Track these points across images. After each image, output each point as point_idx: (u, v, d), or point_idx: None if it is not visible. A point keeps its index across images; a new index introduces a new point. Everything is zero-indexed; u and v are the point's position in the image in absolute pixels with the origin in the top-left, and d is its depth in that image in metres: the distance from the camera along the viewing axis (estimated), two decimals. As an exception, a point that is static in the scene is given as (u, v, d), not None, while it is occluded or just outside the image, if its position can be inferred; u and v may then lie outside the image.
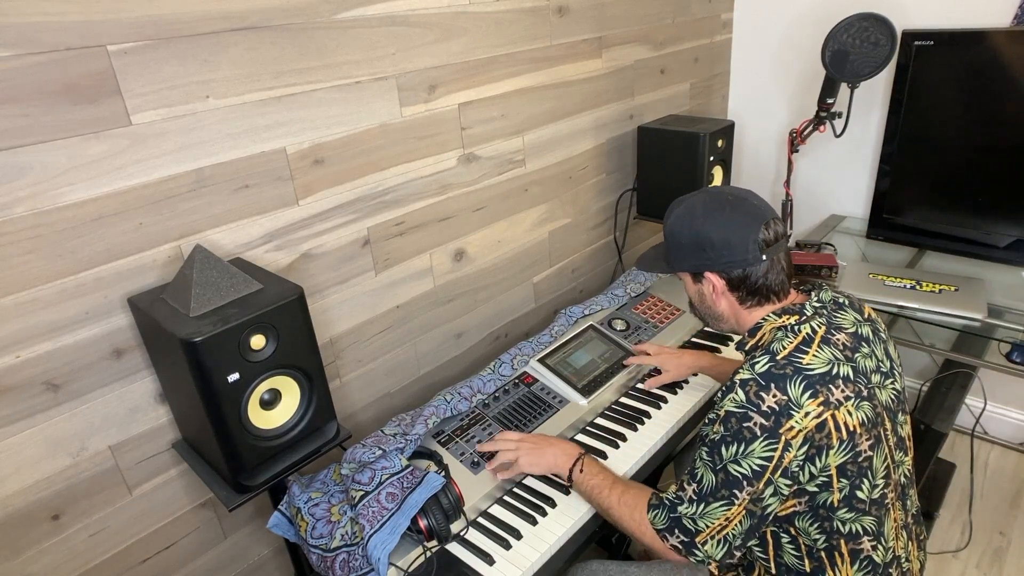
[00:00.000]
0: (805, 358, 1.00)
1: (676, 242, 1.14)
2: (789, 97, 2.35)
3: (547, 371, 1.52)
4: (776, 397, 0.97)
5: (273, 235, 1.24)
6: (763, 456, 0.97)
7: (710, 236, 1.09)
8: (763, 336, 1.10)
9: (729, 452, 0.99)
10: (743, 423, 0.98)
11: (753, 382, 0.99)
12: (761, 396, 0.98)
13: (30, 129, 0.92)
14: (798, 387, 0.97)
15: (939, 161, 1.86)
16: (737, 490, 0.99)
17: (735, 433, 0.99)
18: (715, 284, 1.12)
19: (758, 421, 0.97)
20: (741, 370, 1.03)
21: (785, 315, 1.08)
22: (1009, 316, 1.64)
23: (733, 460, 0.99)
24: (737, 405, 0.99)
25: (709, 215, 1.09)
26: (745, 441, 0.98)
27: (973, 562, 1.84)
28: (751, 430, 0.97)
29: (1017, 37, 1.66)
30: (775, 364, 1.00)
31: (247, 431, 1.02)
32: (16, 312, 0.97)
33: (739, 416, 0.99)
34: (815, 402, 0.96)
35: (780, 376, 0.98)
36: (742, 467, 0.98)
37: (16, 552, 1.06)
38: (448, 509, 1.13)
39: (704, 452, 1.03)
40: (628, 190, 2.10)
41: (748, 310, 1.13)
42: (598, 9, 1.77)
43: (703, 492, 1.02)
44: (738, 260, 1.08)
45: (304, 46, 1.18)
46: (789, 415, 0.96)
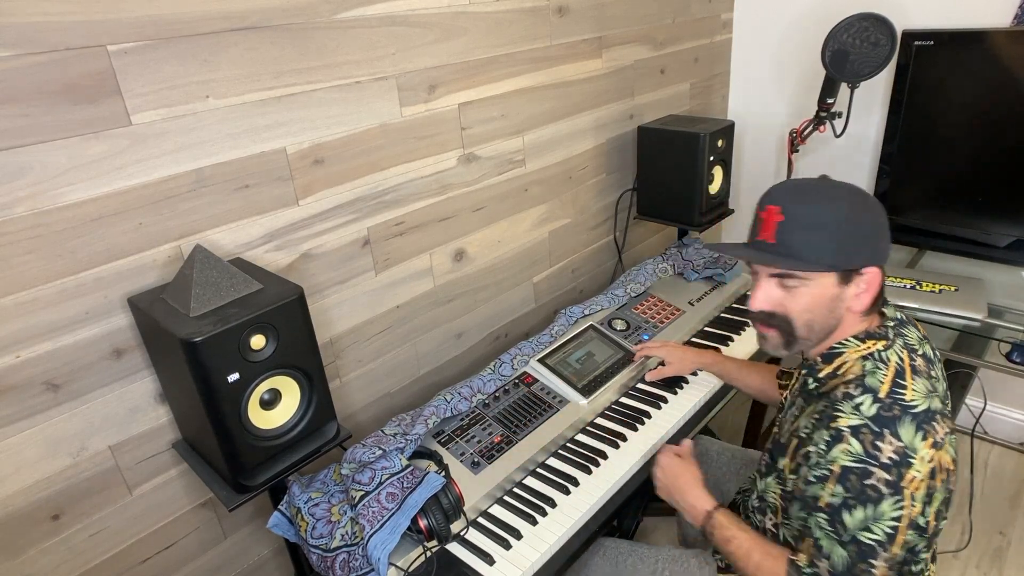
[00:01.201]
0: (907, 394, 0.91)
1: (853, 232, 0.94)
2: (789, 97, 2.35)
3: (547, 371, 1.52)
4: (893, 445, 0.87)
5: (273, 235, 1.24)
6: (893, 517, 0.87)
7: (883, 221, 0.95)
8: (844, 365, 0.99)
9: (855, 519, 0.89)
10: (864, 480, 0.88)
11: (866, 428, 0.89)
12: (878, 446, 0.88)
13: (30, 129, 0.92)
14: (909, 429, 0.88)
15: (939, 161, 1.86)
16: (873, 559, 0.89)
17: (858, 494, 0.88)
18: (871, 284, 0.97)
19: (881, 477, 0.87)
20: (841, 414, 0.92)
21: (870, 340, 0.98)
22: (1009, 316, 1.64)
23: (862, 528, 0.89)
24: (855, 459, 0.89)
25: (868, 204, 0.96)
26: (872, 502, 0.88)
27: (973, 562, 1.84)
28: (876, 488, 0.87)
29: (1017, 37, 1.66)
30: (882, 404, 0.90)
31: (247, 431, 1.02)
32: (16, 312, 0.97)
33: (859, 472, 0.88)
34: (927, 445, 0.88)
35: (891, 419, 0.89)
36: (874, 533, 0.88)
37: (16, 552, 1.06)
38: (448, 509, 1.13)
39: (823, 520, 0.92)
40: (628, 190, 2.10)
41: (860, 321, 1.00)
42: (598, 9, 1.77)
43: (838, 570, 0.92)
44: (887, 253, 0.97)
45: (304, 46, 1.18)
46: (908, 464, 0.87)
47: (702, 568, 1.22)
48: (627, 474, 1.30)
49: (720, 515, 1.10)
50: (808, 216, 0.94)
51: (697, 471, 1.19)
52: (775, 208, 0.97)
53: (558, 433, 1.38)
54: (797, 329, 1.00)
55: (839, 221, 0.93)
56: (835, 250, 0.94)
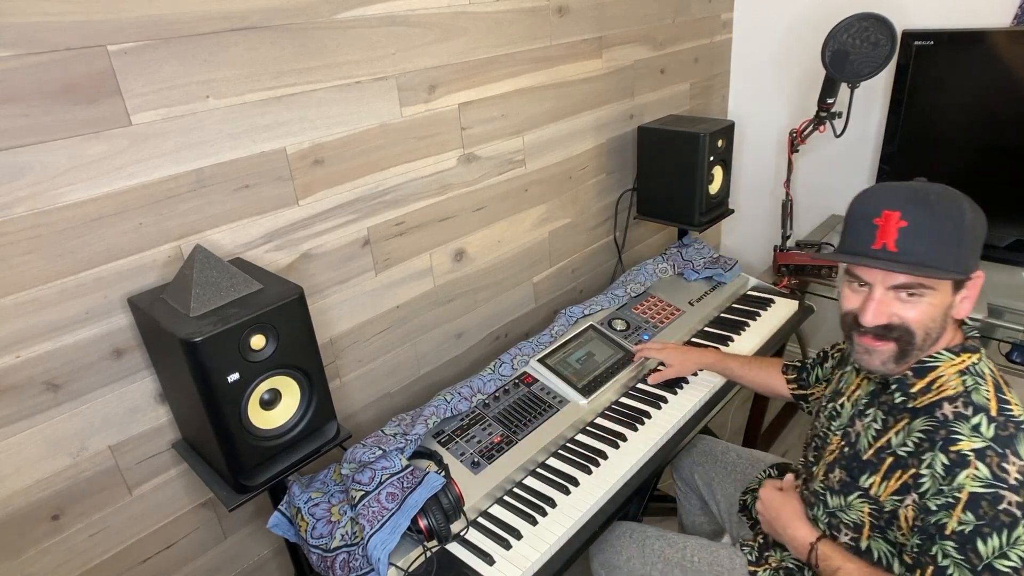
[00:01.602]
0: (1014, 409, 0.88)
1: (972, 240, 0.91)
2: (789, 97, 2.35)
3: (547, 371, 1.52)
4: (1018, 465, 0.84)
5: (273, 235, 1.24)
6: None
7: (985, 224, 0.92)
8: (939, 380, 0.94)
9: (990, 547, 0.83)
10: (997, 506, 0.83)
11: (991, 451, 0.85)
12: (1005, 468, 0.84)
13: (30, 129, 0.92)
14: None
15: (939, 161, 1.86)
16: None
17: (991, 520, 0.83)
18: (977, 285, 0.94)
19: (1013, 499, 0.83)
20: (962, 437, 0.87)
21: (965, 354, 0.94)
22: (1009, 316, 1.64)
23: (999, 555, 0.83)
24: (983, 484, 0.84)
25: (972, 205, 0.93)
26: (1007, 528, 0.83)
27: (973, 562, 1.84)
28: (1009, 513, 0.83)
29: (1017, 37, 1.66)
30: (998, 424, 0.87)
31: (247, 431, 1.02)
32: (16, 312, 0.97)
33: (990, 498, 0.84)
34: None
35: (1008, 438, 0.86)
36: (1011, 559, 0.83)
37: (16, 552, 1.06)
38: (448, 509, 1.13)
39: (952, 548, 0.86)
40: (628, 190, 2.10)
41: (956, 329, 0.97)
42: (598, 9, 1.77)
43: None
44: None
45: (304, 46, 1.18)
46: None
47: (732, 559, 1.21)
48: (627, 474, 1.30)
49: (823, 546, 1.05)
50: (934, 221, 0.90)
51: (798, 504, 1.13)
52: (895, 214, 0.91)
53: (558, 433, 1.38)
54: (916, 339, 0.94)
55: (963, 225, 0.89)
56: (960, 256, 0.90)
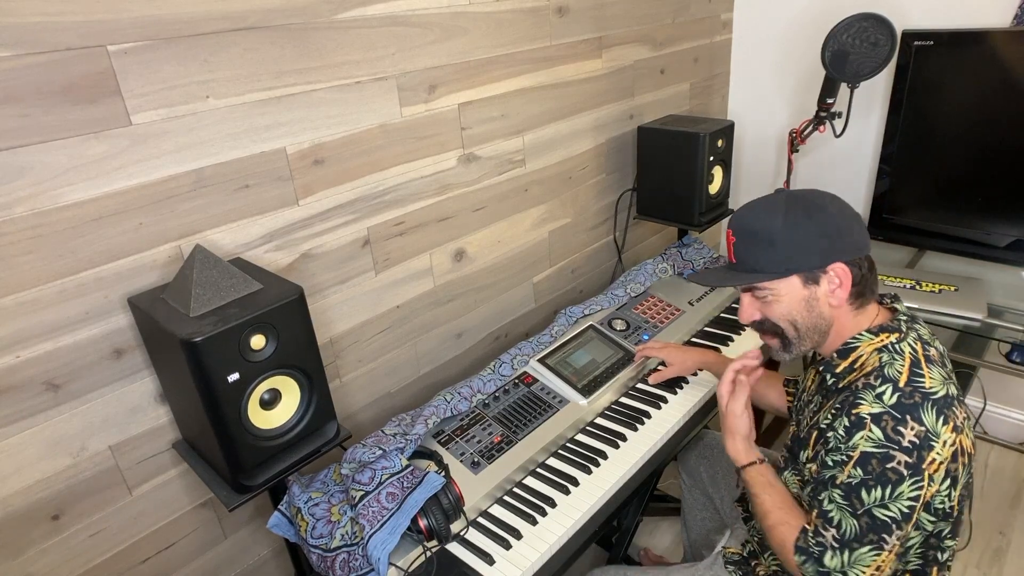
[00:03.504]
0: (926, 381, 0.94)
1: (797, 238, 1.01)
2: (789, 97, 2.35)
3: (547, 371, 1.52)
4: (915, 430, 0.90)
5: (273, 235, 1.24)
6: (911, 496, 0.91)
7: (839, 222, 0.99)
8: (861, 359, 1.02)
9: (872, 496, 0.92)
10: (885, 464, 0.91)
11: (888, 416, 0.92)
12: (899, 431, 0.91)
13: (30, 129, 0.92)
14: (931, 414, 0.91)
15: (939, 161, 1.86)
16: (887, 534, 0.93)
17: (878, 476, 0.92)
18: (842, 279, 1.00)
19: (902, 459, 0.90)
20: (863, 401, 0.95)
21: (883, 333, 1.01)
22: (1009, 316, 1.64)
23: (880, 504, 0.92)
24: (876, 444, 0.92)
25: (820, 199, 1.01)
26: (891, 483, 0.91)
27: (973, 562, 1.84)
28: (896, 471, 0.91)
29: (1017, 37, 1.66)
30: (902, 393, 0.93)
31: (247, 431, 1.02)
32: (16, 312, 0.97)
33: (880, 456, 0.91)
34: (948, 428, 0.91)
35: (912, 406, 0.92)
36: (890, 511, 0.92)
37: (16, 552, 1.06)
38: (448, 509, 1.13)
39: (838, 495, 0.95)
40: (628, 190, 2.10)
41: (854, 314, 1.04)
42: (598, 9, 1.77)
43: (846, 538, 0.95)
44: (861, 246, 1.00)
45: (304, 46, 1.18)
46: (930, 447, 0.90)
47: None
48: (627, 474, 1.30)
49: (748, 473, 1.14)
50: (751, 232, 1.04)
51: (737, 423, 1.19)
52: (730, 231, 1.08)
53: (558, 433, 1.38)
54: (786, 332, 1.08)
55: (777, 231, 1.01)
56: (782, 258, 1.02)
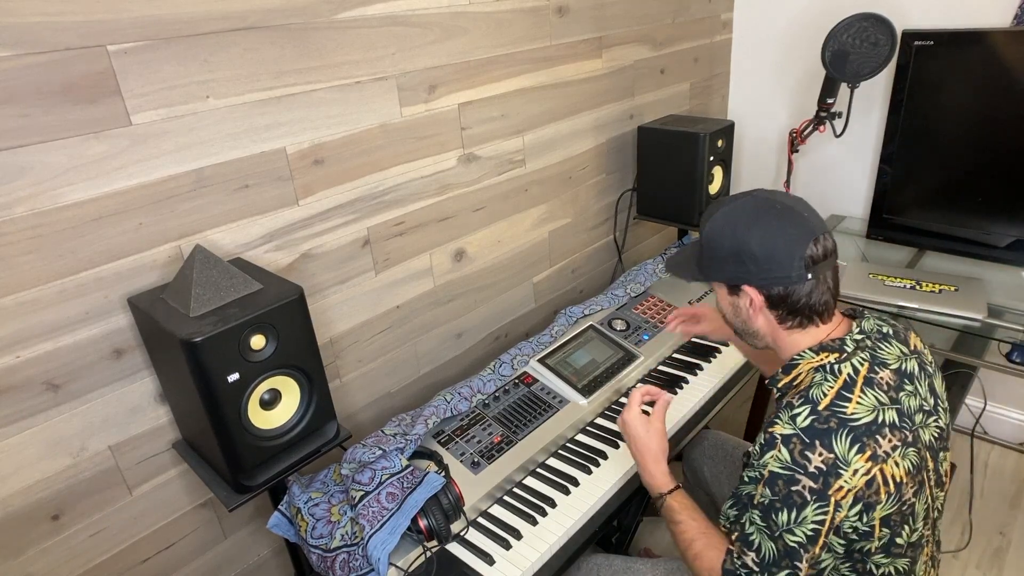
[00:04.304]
0: (849, 407, 0.93)
1: (713, 249, 1.04)
2: (789, 97, 2.35)
3: (547, 371, 1.52)
4: (823, 456, 0.90)
5: (273, 235, 1.24)
6: (816, 520, 0.91)
7: (751, 247, 0.99)
8: (799, 377, 1.02)
9: (781, 519, 0.93)
10: (791, 487, 0.91)
11: (797, 439, 0.92)
12: (807, 456, 0.90)
13: (30, 129, 0.92)
14: (844, 442, 0.90)
15: (939, 161, 1.86)
16: (798, 561, 0.93)
17: (784, 498, 0.92)
18: (753, 299, 1.02)
19: (806, 484, 0.90)
20: (779, 421, 0.95)
21: (824, 352, 1.00)
22: (1009, 316, 1.64)
23: (787, 529, 0.93)
24: (782, 466, 0.92)
25: (754, 223, 1.00)
26: (796, 507, 0.91)
27: (973, 562, 1.84)
28: (800, 494, 0.91)
29: (1017, 37, 1.66)
30: (818, 417, 0.92)
31: (247, 431, 1.02)
32: (16, 312, 0.97)
33: (785, 479, 0.92)
34: (863, 457, 0.90)
35: (824, 432, 0.91)
36: (796, 535, 0.92)
37: (16, 552, 1.06)
38: (448, 509, 1.13)
39: (757, 516, 0.96)
40: (628, 190, 2.10)
41: (788, 331, 1.03)
42: (598, 9, 1.77)
43: (766, 562, 0.95)
44: (780, 277, 0.98)
45: (304, 46, 1.18)
46: (838, 474, 0.89)
47: None
48: (627, 474, 1.30)
49: (672, 499, 1.12)
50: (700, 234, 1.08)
51: (661, 443, 1.16)
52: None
53: (558, 433, 1.38)
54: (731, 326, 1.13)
55: (707, 237, 1.05)
56: (705, 263, 1.07)
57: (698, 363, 1.61)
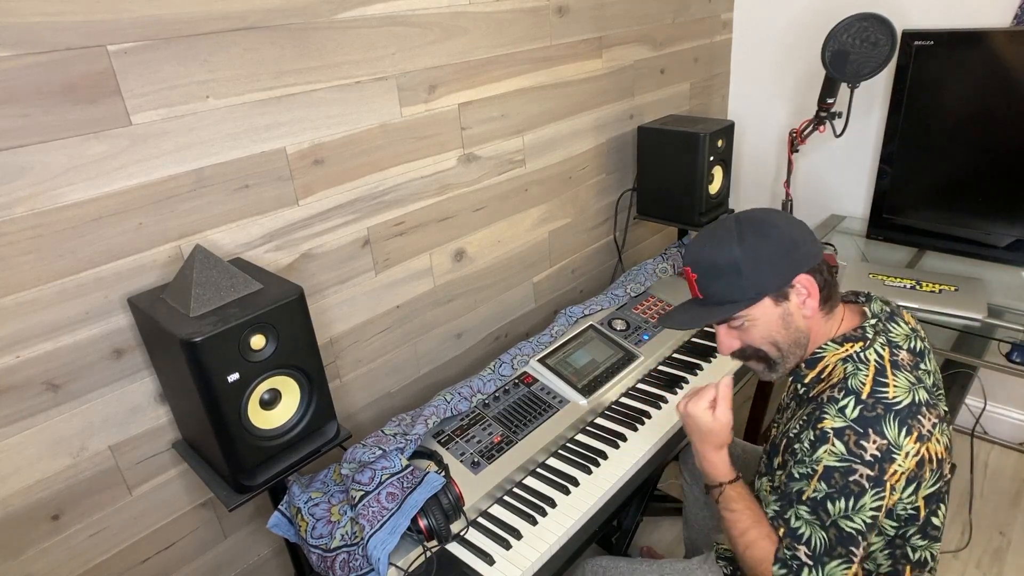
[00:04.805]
0: (889, 391, 0.94)
1: (759, 260, 1.00)
2: (789, 97, 2.35)
3: (547, 371, 1.52)
4: (877, 443, 0.91)
5: (273, 235, 1.24)
6: (874, 507, 0.93)
7: (792, 235, 1.00)
8: (827, 368, 1.02)
9: (837, 508, 0.94)
10: (848, 477, 0.92)
11: (850, 431, 0.93)
12: (862, 445, 0.92)
13: (30, 129, 0.92)
14: (894, 427, 0.92)
15: (939, 161, 1.86)
16: (854, 547, 0.94)
17: (841, 488, 0.93)
18: (809, 288, 1.01)
19: (864, 473, 0.92)
20: (827, 416, 0.95)
21: (847, 343, 1.01)
22: (1009, 316, 1.64)
23: (844, 516, 0.94)
24: (838, 459, 0.93)
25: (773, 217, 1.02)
26: (854, 496, 0.92)
27: (973, 562, 1.84)
28: (859, 483, 0.92)
29: (1017, 37, 1.66)
30: (864, 405, 0.93)
31: (247, 431, 1.02)
32: (16, 312, 0.97)
33: (843, 471, 0.93)
34: (911, 439, 0.92)
35: (874, 419, 0.92)
36: (855, 522, 0.93)
37: (16, 552, 1.06)
38: (448, 509, 1.13)
39: (805, 511, 0.97)
40: (628, 190, 2.10)
41: (824, 319, 1.04)
42: (598, 9, 1.77)
43: (818, 553, 0.96)
44: (816, 252, 1.01)
45: (304, 46, 1.18)
46: (892, 459, 0.91)
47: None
48: (627, 474, 1.30)
49: (732, 488, 1.09)
50: (713, 266, 1.02)
51: (725, 435, 1.11)
52: (688, 268, 1.07)
53: (558, 433, 1.38)
54: (769, 354, 1.07)
55: (739, 258, 1.00)
56: (751, 283, 1.00)
57: (698, 363, 1.61)
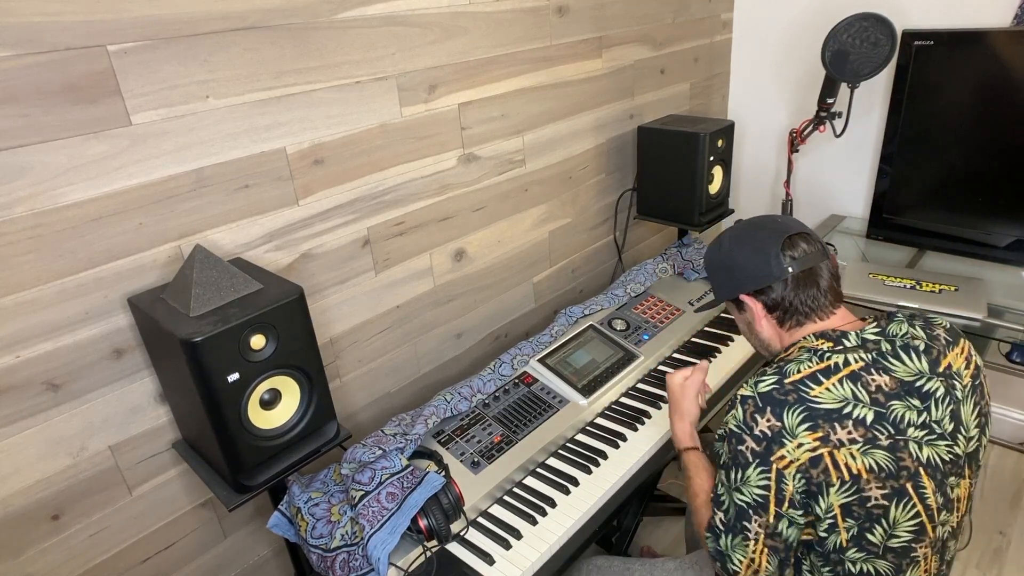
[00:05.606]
0: (815, 389, 0.94)
1: (711, 273, 1.16)
2: (789, 97, 2.35)
3: (547, 371, 1.52)
4: (769, 423, 0.93)
5: (273, 235, 1.24)
6: (760, 485, 0.94)
7: (735, 257, 1.09)
8: (791, 352, 1.05)
9: (732, 478, 0.98)
10: (737, 445, 0.96)
11: (752, 401, 0.96)
12: (755, 419, 0.95)
13: (30, 129, 0.92)
14: (795, 416, 0.93)
15: (939, 161, 1.86)
16: (747, 521, 0.96)
17: (733, 457, 0.97)
18: (752, 308, 1.08)
19: (749, 445, 0.95)
20: (745, 384, 0.99)
21: (822, 339, 1.01)
22: (1009, 316, 1.64)
23: (735, 488, 0.97)
24: (736, 424, 0.97)
25: (735, 239, 1.11)
26: (740, 467, 0.96)
27: (973, 562, 1.84)
28: (743, 455, 0.95)
29: (1017, 37, 1.66)
30: (779, 388, 0.95)
31: (247, 431, 1.02)
32: (16, 312, 0.97)
33: (736, 438, 0.97)
34: (812, 435, 0.92)
35: (779, 401, 0.94)
36: (744, 495, 0.96)
37: (16, 552, 1.06)
38: (448, 509, 1.13)
39: (722, 475, 1.01)
40: (628, 190, 2.10)
41: (789, 332, 1.08)
42: (598, 9, 1.77)
43: (728, 520, 0.99)
44: (763, 276, 1.05)
45: (304, 46, 1.18)
46: (781, 443, 0.92)
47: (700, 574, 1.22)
48: (627, 474, 1.30)
49: (687, 456, 1.20)
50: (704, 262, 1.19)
51: (688, 406, 1.26)
52: None
53: (558, 433, 1.38)
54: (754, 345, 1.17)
55: (707, 265, 1.18)
56: (713, 286, 1.17)
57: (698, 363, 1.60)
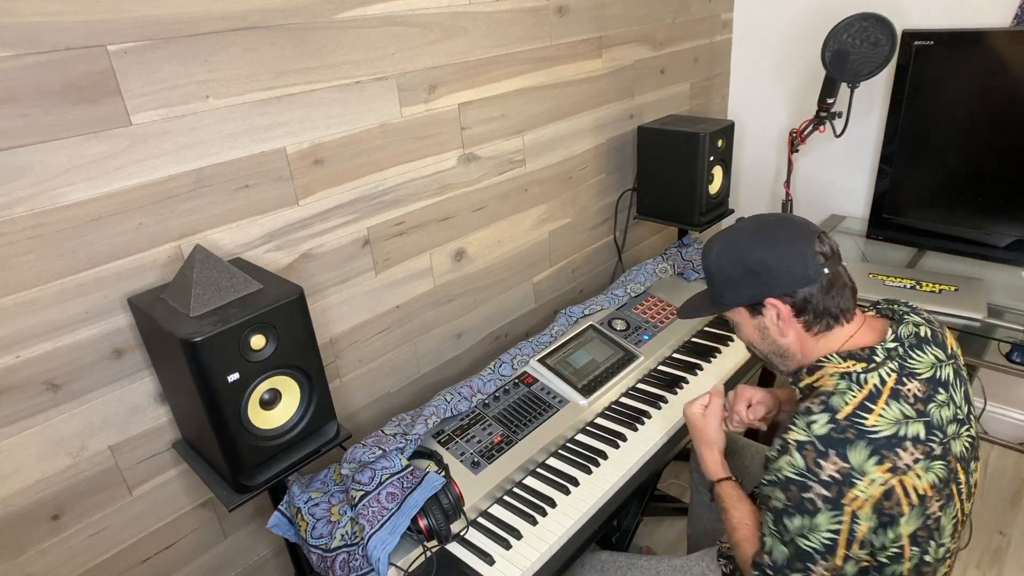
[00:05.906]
0: (869, 418, 0.90)
1: (724, 277, 1.06)
2: (789, 97, 2.35)
3: (547, 371, 1.52)
4: (837, 465, 0.88)
5: (273, 235, 1.24)
6: (831, 529, 0.90)
7: (763, 258, 1.00)
8: (822, 379, 1.00)
9: (795, 525, 0.93)
10: (803, 493, 0.91)
11: (811, 446, 0.90)
12: (820, 464, 0.89)
13: (30, 129, 0.92)
14: (861, 453, 0.88)
15: (939, 161, 1.86)
16: (811, 563, 0.93)
17: (797, 504, 0.92)
18: (780, 310, 1.01)
19: (819, 492, 0.89)
20: (794, 427, 0.93)
21: (851, 360, 0.97)
22: (1009, 316, 1.64)
23: (800, 534, 0.93)
24: (796, 472, 0.91)
25: (756, 238, 1.02)
26: (808, 514, 0.91)
27: (973, 562, 1.84)
28: (812, 502, 0.90)
29: (1017, 37, 1.66)
30: (836, 426, 0.90)
31: (247, 431, 1.02)
32: (16, 312, 0.97)
33: (798, 485, 0.91)
34: (881, 468, 0.88)
35: (840, 441, 0.89)
36: (811, 541, 0.92)
37: (16, 552, 1.06)
38: (448, 509, 1.13)
39: (770, 520, 0.97)
40: (628, 190, 2.10)
41: (815, 338, 1.02)
42: (598, 9, 1.77)
43: (778, 565, 0.96)
44: (799, 278, 0.98)
45: (304, 46, 1.18)
46: (852, 484, 0.88)
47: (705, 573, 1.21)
48: (627, 474, 1.30)
49: (721, 488, 1.17)
50: (703, 265, 1.11)
51: (713, 435, 1.22)
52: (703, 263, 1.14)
53: (558, 433, 1.38)
54: (759, 352, 1.12)
55: (715, 268, 1.08)
56: (721, 292, 1.08)
57: (698, 363, 1.61)
